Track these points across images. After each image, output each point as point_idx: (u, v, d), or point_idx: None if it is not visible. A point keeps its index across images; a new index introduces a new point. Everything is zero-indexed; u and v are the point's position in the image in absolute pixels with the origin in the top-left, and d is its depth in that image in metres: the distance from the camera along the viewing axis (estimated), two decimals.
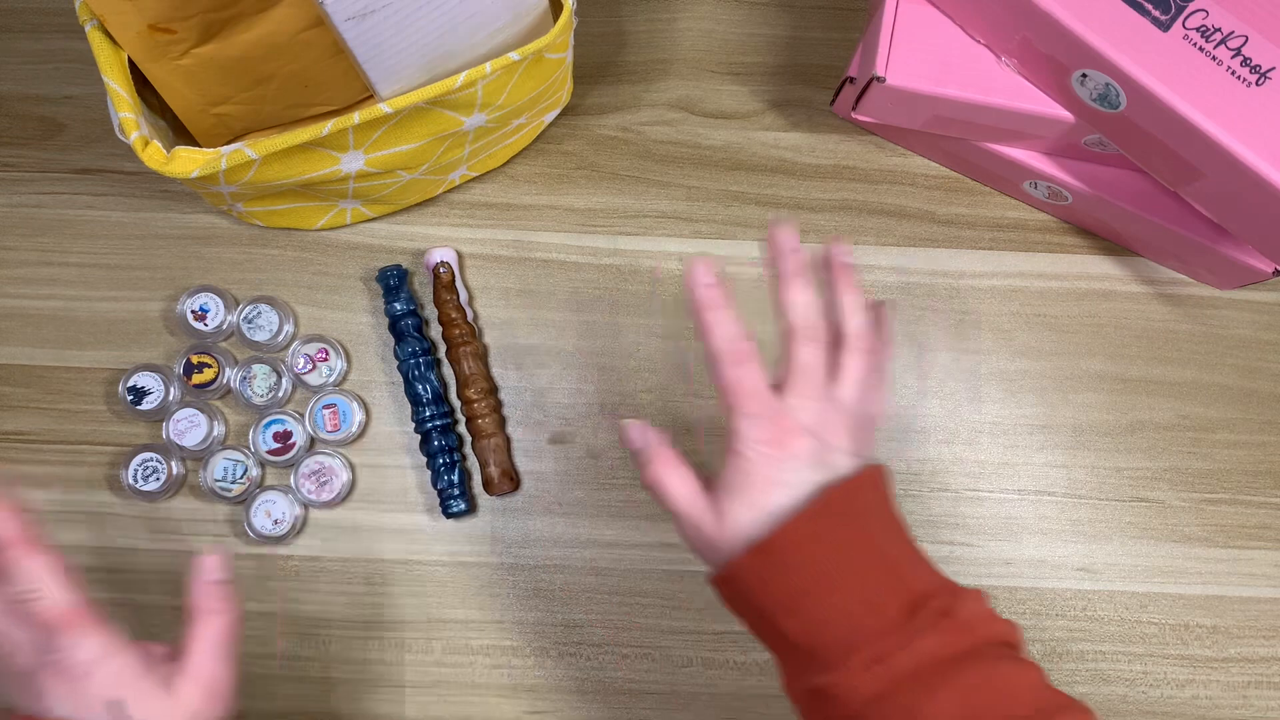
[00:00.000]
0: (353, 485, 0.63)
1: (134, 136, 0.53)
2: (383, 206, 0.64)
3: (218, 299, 0.63)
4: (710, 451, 0.64)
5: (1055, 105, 0.58)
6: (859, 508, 0.44)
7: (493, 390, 0.64)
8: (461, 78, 0.53)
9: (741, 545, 0.43)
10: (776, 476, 0.44)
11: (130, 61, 0.55)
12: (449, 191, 0.66)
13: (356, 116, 0.53)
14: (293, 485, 0.62)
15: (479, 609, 0.62)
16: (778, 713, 0.61)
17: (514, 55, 0.54)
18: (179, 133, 0.61)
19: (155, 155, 0.53)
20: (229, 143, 0.63)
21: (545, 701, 0.61)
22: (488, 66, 0.53)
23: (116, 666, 0.43)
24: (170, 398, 0.62)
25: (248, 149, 0.52)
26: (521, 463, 0.64)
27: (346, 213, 0.64)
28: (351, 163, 0.56)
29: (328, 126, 0.52)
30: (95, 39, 0.53)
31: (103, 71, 0.53)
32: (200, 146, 0.62)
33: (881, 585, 0.42)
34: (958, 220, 0.67)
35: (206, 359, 0.63)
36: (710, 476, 0.46)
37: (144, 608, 0.62)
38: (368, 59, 0.51)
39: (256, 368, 0.63)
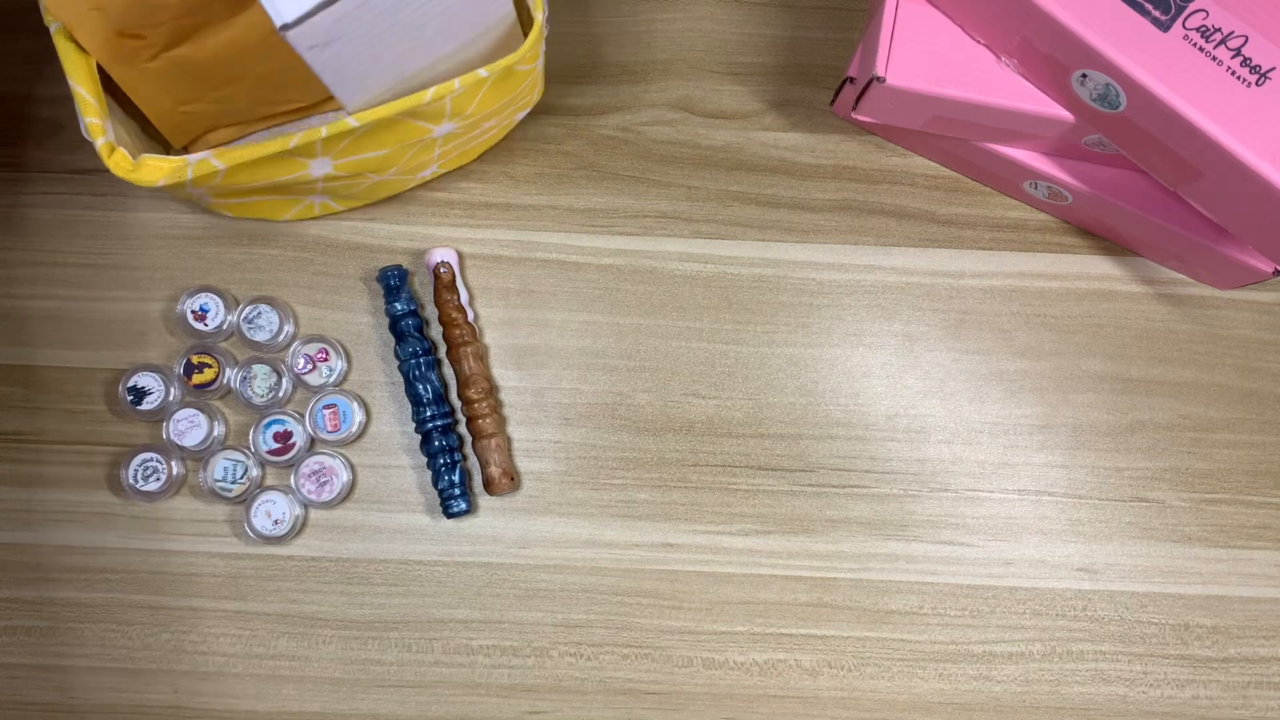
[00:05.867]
0: (353, 485, 0.63)
1: (100, 142, 0.52)
2: (351, 202, 0.64)
3: (218, 299, 0.63)
4: (710, 452, 0.64)
5: (1055, 105, 0.58)
6: None
7: (493, 390, 0.64)
8: (430, 94, 0.52)
9: None
10: None
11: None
12: (449, 192, 0.66)
13: (324, 130, 0.52)
14: (293, 485, 0.62)
15: (479, 609, 0.62)
16: (778, 712, 0.61)
17: (482, 72, 0.53)
18: (147, 128, 0.61)
19: (121, 162, 0.52)
20: (198, 138, 0.63)
21: (545, 701, 0.61)
22: (456, 83, 0.53)
23: None
24: (170, 398, 0.62)
25: (214, 159, 0.52)
26: (521, 463, 0.64)
27: (315, 206, 0.64)
28: (320, 168, 0.56)
29: (294, 140, 0.52)
30: (61, 44, 0.52)
31: (69, 76, 0.52)
32: (169, 142, 0.61)
33: None
34: (958, 220, 0.67)
35: (206, 359, 0.63)
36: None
37: (145, 608, 0.62)
38: (334, 81, 0.50)
39: (256, 368, 0.63)
